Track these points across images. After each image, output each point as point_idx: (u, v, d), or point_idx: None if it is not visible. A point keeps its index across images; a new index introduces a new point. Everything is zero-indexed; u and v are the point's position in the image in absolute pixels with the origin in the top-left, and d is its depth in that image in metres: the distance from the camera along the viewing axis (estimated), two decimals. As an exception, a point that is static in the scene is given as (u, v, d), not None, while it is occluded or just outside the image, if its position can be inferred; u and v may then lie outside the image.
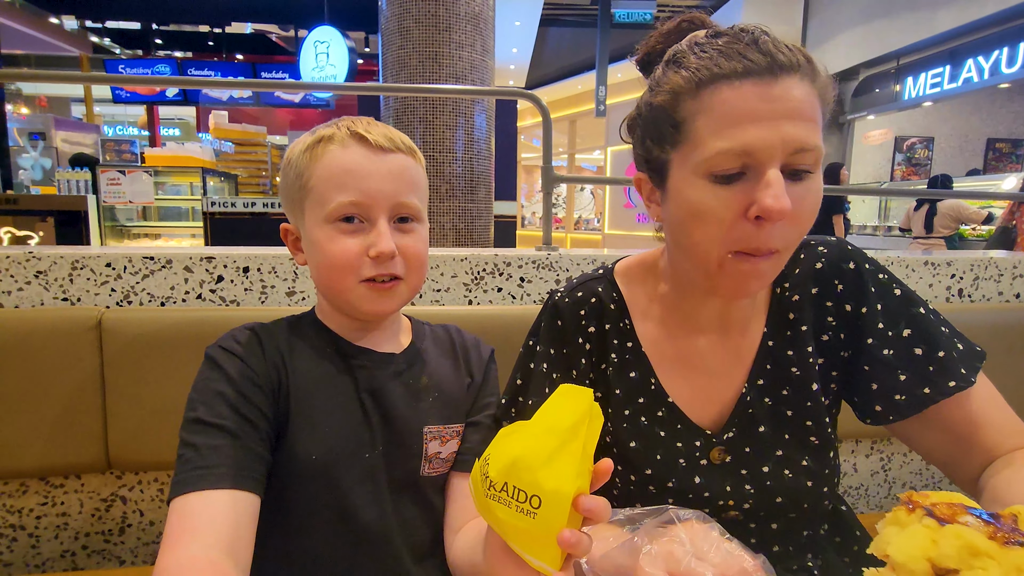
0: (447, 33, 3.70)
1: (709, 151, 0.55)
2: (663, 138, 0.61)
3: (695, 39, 0.60)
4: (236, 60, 9.86)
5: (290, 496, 0.66)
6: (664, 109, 0.59)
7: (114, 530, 1.18)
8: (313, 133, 0.67)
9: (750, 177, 0.56)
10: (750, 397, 0.69)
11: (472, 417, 0.76)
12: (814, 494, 0.68)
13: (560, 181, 1.49)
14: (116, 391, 1.07)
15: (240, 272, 1.19)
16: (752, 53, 0.55)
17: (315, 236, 0.65)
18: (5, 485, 1.13)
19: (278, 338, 0.70)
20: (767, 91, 0.54)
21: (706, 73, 0.56)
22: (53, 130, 6.06)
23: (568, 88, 11.06)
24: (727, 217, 0.56)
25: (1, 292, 1.12)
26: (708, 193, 0.57)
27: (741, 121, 0.54)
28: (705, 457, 0.68)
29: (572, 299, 0.74)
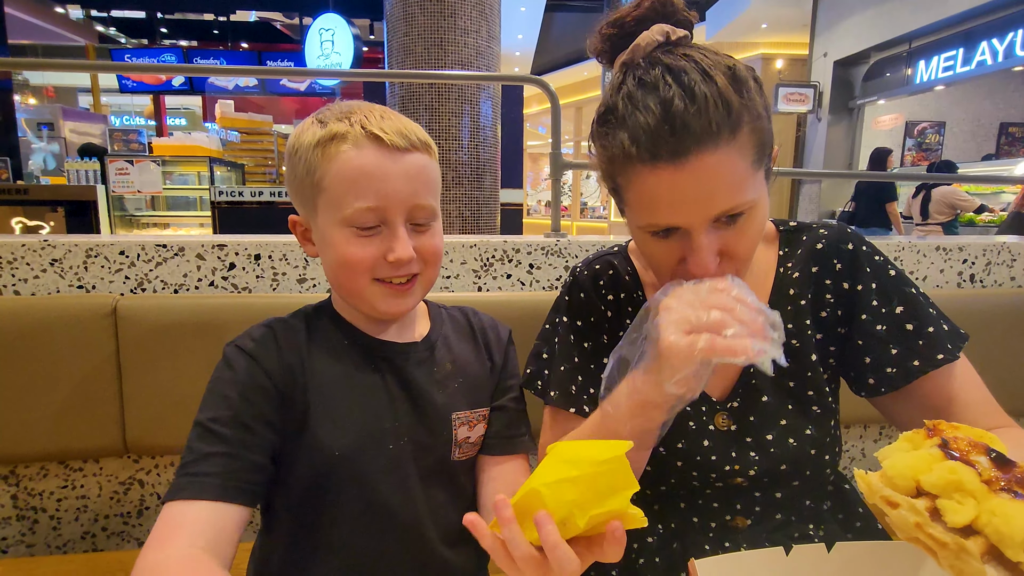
0: (452, 19, 3.67)
1: (642, 221, 0.62)
2: (615, 190, 0.66)
3: (630, 70, 0.61)
4: (241, 49, 9.83)
5: (317, 490, 0.67)
6: (603, 171, 0.65)
7: (132, 512, 1.21)
8: (323, 125, 0.64)
9: (683, 234, 0.61)
10: (753, 369, 0.72)
11: (496, 401, 0.77)
12: (817, 461, 0.71)
13: (569, 167, 1.49)
14: (132, 377, 1.09)
15: (251, 259, 1.20)
16: (661, 136, 0.56)
17: (330, 236, 0.64)
18: (26, 468, 1.16)
19: (297, 335, 0.69)
20: (676, 176, 0.56)
21: (623, 156, 0.59)
22: (61, 120, 6.09)
23: (574, 74, 10.96)
24: (670, 263, 0.64)
25: (18, 280, 1.14)
26: (653, 245, 0.64)
27: (658, 205, 0.59)
28: (711, 423, 0.72)
29: (591, 271, 0.79)
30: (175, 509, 0.57)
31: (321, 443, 0.65)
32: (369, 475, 0.67)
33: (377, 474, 0.68)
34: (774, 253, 0.76)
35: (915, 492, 0.43)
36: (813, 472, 0.72)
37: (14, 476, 1.16)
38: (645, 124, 0.56)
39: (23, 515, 1.17)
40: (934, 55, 6.85)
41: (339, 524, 0.68)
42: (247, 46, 9.97)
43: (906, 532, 0.43)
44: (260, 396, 0.64)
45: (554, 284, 1.31)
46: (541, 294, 1.28)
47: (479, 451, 0.76)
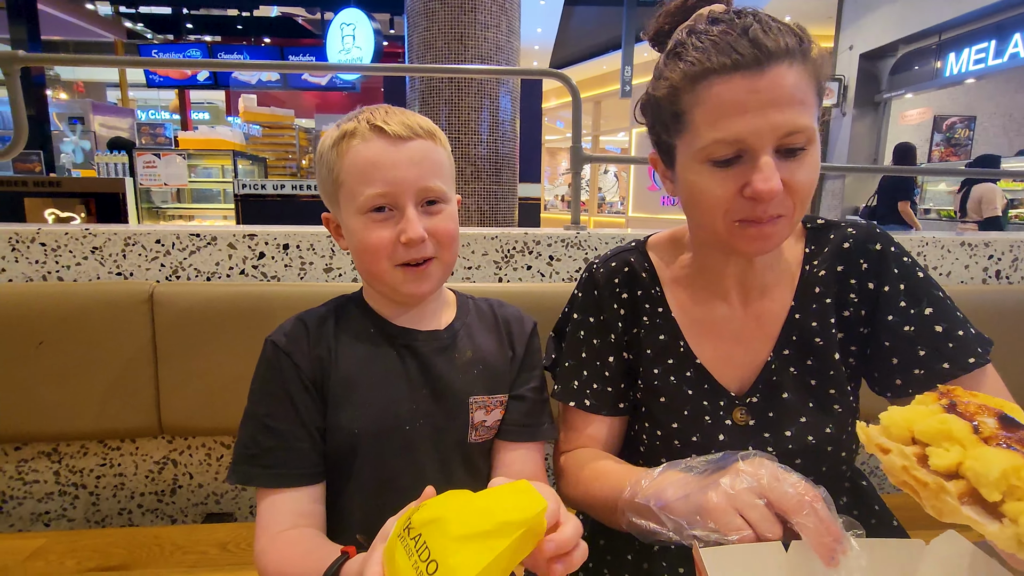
0: (472, 14, 3.68)
1: (706, 140, 0.61)
2: (668, 126, 0.66)
3: (696, 25, 0.63)
4: (264, 43, 9.97)
5: (337, 466, 0.72)
6: (665, 101, 0.65)
7: (166, 491, 1.26)
8: (338, 127, 0.70)
9: (745, 160, 0.61)
10: (775, 365, 0.73)
11: (515, 391, 0.79)
12: (834, 458, 0.72)
13: (588, 161, 1.50)
14: (167, 361, 1.14)
15: (280, 249, 1.24)
16: (741, 45, 0.58)
17: (351, 226, 0.70)
18: (68, 447, 1.22)
19: (326, 326, 0.75)
20: (754, 83, 0.58)
21: (699, 68, 0.60)
22: (91, 114, 6.24)
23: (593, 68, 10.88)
24: (725, 196, 0.62)
25: (61, 267, 1.19)
26: (707, 176, 0.63)
27: (732, 113, 0.59)
28: (728, 417, 0.73)
29: (607, 269, 0.80)
30: (266, 500, 0.68)
31: (341, 423, 0.71)
32: (384, 454, 0.72)
33: (391, 454, 0.72)
34: (800, 250, 0.76)
35: (910, 442, 0.44)
36: (829, 468, 0.72)
37: (57, 453, 1.22)
38: (723, 40, 0.59)
39: (65, 491, 1.23)
40: (965, 47, 6.66)
41: (355, 498, 0.73)
42: (269, 41, 10.10)
43: (895, 476, 0.45)
44: (299, 388, 0.70)
45: (573, 276, 1.32)
46: (560, 285, 1.29)
47: (496, 435, 0.79)
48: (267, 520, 0.67)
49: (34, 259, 1.18)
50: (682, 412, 0.74)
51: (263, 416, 0.69)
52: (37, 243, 1.18)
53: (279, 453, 0.68)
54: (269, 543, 0.65)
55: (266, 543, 0.65)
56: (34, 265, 1.18)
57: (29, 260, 1.18)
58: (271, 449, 0.68)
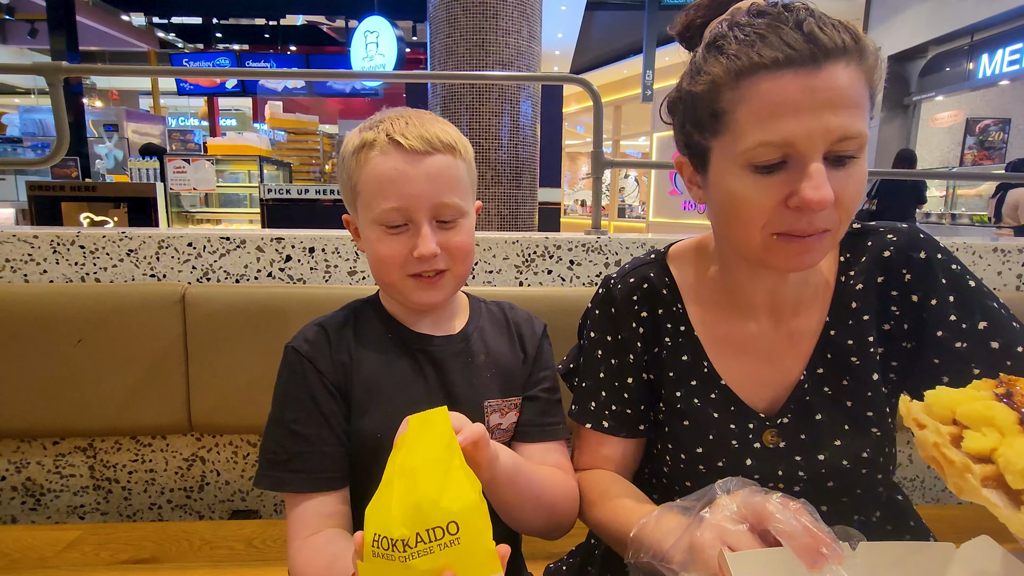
0: (494, 20, 3.72)
1: (750, 143, 0.55)
2: (703, 126, 0.60)
3: (736, 16, 0.58)
4: (290, 51, 10.18)
5: (355, 470, 0.73)
6: (704, 98, 0.59)
7: (194, 487, 1.29)
8: (360, 132, 0.70)
9: (791, 167, 0.55)
10: (808, 384, 0.68)
11: (528, 392, 0.80)
12: (869, 481, 0.68)
13: (610, 166, 1.51)
14: (197, 360, 1.17)
15: (306, 252, 1.27)
16: (794, 38, 0.53)
17: (367, 234, 0.71)
18: (102, 442, 1.26)
19: (345, 331, 0.76)
20: (809, 81, 0.53)
21: (746, 62, 0.54)
22: (125, 122, 6.45)
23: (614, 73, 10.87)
24: (768, 206, 0.57)
25: (99, 268, 1.24)
26: (747, 183, 0.57)
27: (782, 113, 0.53)
28: (758, 440, 0.68)
29: (624, 285, 0.75)
30: (296, 504, 0.69)
31: (364, 429, 0.72)
32: None
33: None
34: (835, 259, 0.71)
35: (950, 422, 0.44)
36: (864, 490, 0.68)
37: (92, 449, 1.26)
38: (774, 32, 0.54)
39: (99, 485, 1.27)
40: (998, 48, 6.48)
41: None
42: (295, 49, 10.32)
43: (925, 451, 0.45)
44: (323, 394, 0.72)
45: (594, 280, 1.33)
46: (581, 290, 1.30)
47: (514, 438, 0.79)
48: (297, 526, 0.68)
49: (74, 261, 1.23)
50: (707, 436, 0.69)
51: (290, 422, 0.70)
52: (77, 245, 1.23)
53: (309, 457, 0.69)
54: (300, 548, 0.67)
55: (297, 548, 0.67)
56: (73, 267, 1.23)
57: (69, 262, 1.23)
58: (300, 454, 0.69)
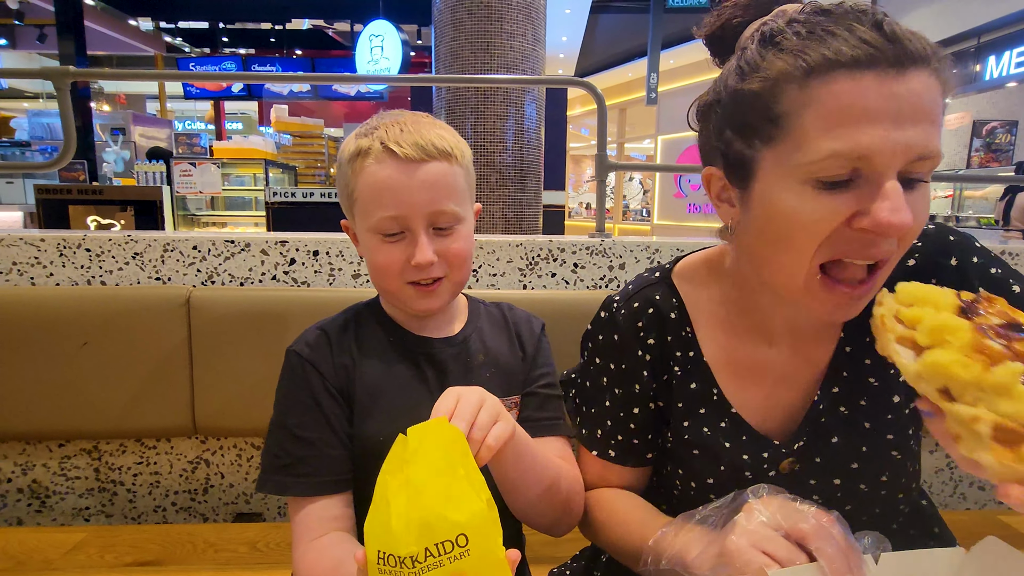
0: (499, 23, 3.72)
1: (817, 153, 0.48)
2: (752, 132, 0.53)
3: (790, 14, 0.52)
4: (296, 55, 10.24)
5: (360, 474, 0.73)
6: (759, 98, 0.51)
7: (199, 490, 1.30)
8: (356, 139, 0.70)
9: (862, 184, 0.49)
10: (823, 405, 0.64)
11: (528, 388, 0.80)
12: (888, 501, 0.65)
13: (614, 169, 1.50)
14: (202, 363, 1.17)
15: (311, 255, 1.27)
16: (873, 37, 0.47)
17: (365, 241, 0.71)
18: (107, 444, 1.26)
19: (347, 335, 0.76)
20: (892, 87, 0.46)
21: (819, 59, 0.47)
22: (132, 125, 6.50)
23: (618, 76, 10.86)
24: (827, 227, 0.50)
25: (104, 272, 1.24)
26: (808, 200, 0.50)
27: (859, 120, 0.47)
28: (774, 468, 0.64)
29: (629, 310, 0.70)
30: (300, 508, 0.69)
31: (367, 432, 0.72)
32: None
33: None
34: None
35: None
36: (884, 509, 0.65)
37: (97, 451, 1.27)
38: (848, 29, 0.47)
39: (104, 487, 1.28)
40: (1005, 50, 6.44)
41: None
42: (301, 53, 10.37)
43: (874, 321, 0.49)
44: (326, 397, 0.72)
45: (598, 283, 1.32)
46: (585, 293, 1.30)
47: None
48: (302, 529, 0.68)
49: (80, 264, 1.24)
50: (719, 467, 0.65)
51: (293, 426, 0.71)
52: (83, 249, 1.23)
53: (312, 461, 0.69)
54: (305, 552, 0.66)
55: (303, 551, 0.67)
56: (79, 270, 1.24)
57: (75, 265, 1.24)
58: (304, 458, 0.69)
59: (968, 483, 1.42)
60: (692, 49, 8.71)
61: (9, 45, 9.81)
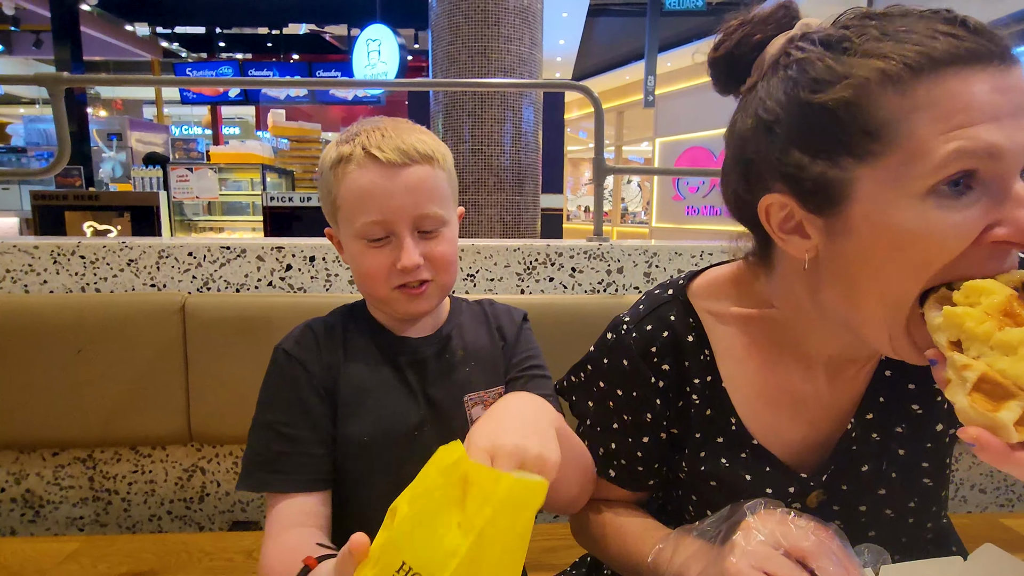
0: (496, 27, 3.73)
1: (941, 156, 0.42)
2: (841, 149, 0.46)
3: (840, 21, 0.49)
4: (292, 60, 10.25)
5: (343, 475, 0.73)
6: (850, 109, 0.45)
7: (194, 498, 1.28)
8: (337, 147, 0.70)
9: (983, 192, 0.43)
10: (856, 434, 0.60)
11: (509, 375, 0.80)
12: (916, 528, 0.63)
13: (612, 172, 1.50)
14: (197, 370, 1.17)
15: (307, 261, 1.27)
16: (968, 34, 0.43)
17: (350, 248, 0.71)
18: (102, 453, 1.25)
19: (334, 334, 0.76)
20: (1003, 81, 0.43)
21: (921, 58, 0.43)
22: (128, 131, 6.48)
23: (616, 79, 10.88)
24: (962, 245, 0.44)
25: (99, 279, 1.23)
26: (934, 215, 0.43)
27: (980, 119, 0.42)
28: (800, 502, 0.61)
29: (641, 333, 0.64)
30: (276, 503, 0.68)
31: (352, 433, 0.72)
32: (396, 462, 0.73)
33: (403, 461, 0.73)
34: None
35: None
36: (909, 538, 0.62)
37: (91, 459, 1.25)
38: (944, 31, 0.43)
39: (98, 496, 1.27)
40: (1001, 52, 6.49)
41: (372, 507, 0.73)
42: (298, 57, 10.38)
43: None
44: (312, 395, 0.72)
45: (596, 287, 1.32)
46: (583, 297, 1.29)
47: None
48: (274, 524, 0.67)
49: (74, 271, 1.23)
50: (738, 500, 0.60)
51: (275, 423, 0.70)
52: (77, 256, 1.22)
53: (294, 458, 0.69)
54: (271, 545, 0.65)
55: (270, 545, 0.65)
56: (74, 277, 1.23)
57: (70, 272, 1.23)
58: (285, 455, 0.69)
59: (969, 486, 1.42)
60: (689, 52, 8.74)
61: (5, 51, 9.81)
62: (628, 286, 1.32)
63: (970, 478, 1.41)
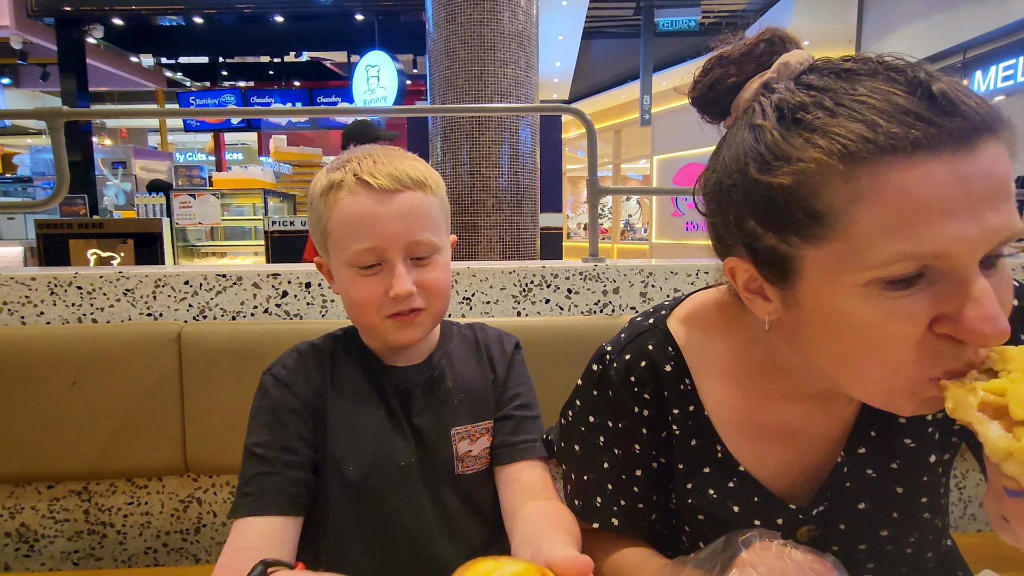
0: (492, 52, 3.80)
1: (879, 256, 0.40)
2: (788, 228, 0.44)
3: (799, 71, 0.46)
4: (294, 87, 10.42)
5: (329, 506, 0.72)
6: (793, 194, 0.43)
7: (191, 529, 1.27)
8: (328, 173, 0.70)
9: (935, 279, 0.41)
10: (847, 468, 0.58)
11: (500, 411, 0.78)
12: (916, 559, 0.61)
13: (606, 193, 1.51)
14: (193, 399, 1.16)
15: (303, 287, 1.27)
16: (928, 111, 0.39)
17: (340, 277, 0.70)
18: (97, 485, 1.24)
19: (323, 359, 0.76)
20: (960, 169, 0.39)
21: (865, 144, 0.40)
22: (133, 159, 6.57)
23: (612, 98, 11.03)
24: (911, 335, 0.42)
25: (96, 309, 1.24)
26: (879, 308, 0.42)
27: (928, 215, 0.39)
28: (791, 536, 0.58)
29: (621, 363, 0.63)
30: (239, 525, 0.66)
31: (336, 461, 0.72)
32: (380, 493, 0.72)
33: (387, 492, 0.72)
34: None
35: None
36: (910, 568, 0.61)
37: (87, 492, 1.24)
38: (890, 101, 0.40)
39: (93, 529, 1.25)
40: (991, 64, 6.55)
41: (357, 538, 0.73)
42: (299, 84, 10.56)
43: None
44: (295, 418, 0.71)
45: (592, 309, 1.31)
46: (580, 319, 1.29)
47: (492, 463, 0.78)
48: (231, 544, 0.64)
49: (71, 302, 1.23)
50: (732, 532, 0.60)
51: (251, 445, 0.70)
52: (74, 286, 1.23)
53: (264, 479, 0.68)
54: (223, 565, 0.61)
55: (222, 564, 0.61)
56: (71, 307, 1.23)
57: (66, 303, 1.23)
58: (257, 476, 0.68)
59: (978, 504, 1.39)
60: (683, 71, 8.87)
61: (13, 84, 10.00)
62: (624, 306, 1.32)
63: (978, 495, 1.38)
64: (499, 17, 3.76)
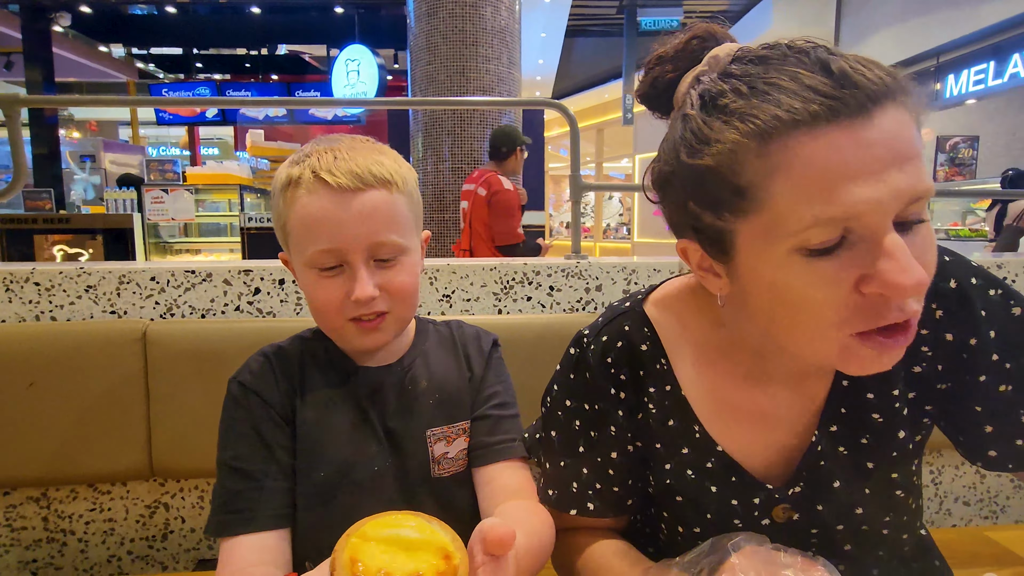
0: (474, 48, 3.76)
1: (798, 223, 0.43)
2: (719, 205, 0.48)
3: (725, 66, 0.49)
4: (272, 80, 10.22)
5: (298, 513, 0.69)
6: (717, 173, 0.46)
7: (157, 536, 1.21)
8: (288, 167, 0.66)
9: (856, 243, 0.44)
10: (821, 447, 0.59)
11: (477, 411, 0.76)
12: (894, 541, 0.62)
13: (588, 189, 1.49)
14: (159, 401, 1.11)
15: (276, 284, 1.22)
16: (827, 85, 0.42)
17: (301, 277, 0.67)
18: (57, 491, 1.18)
19: (291, 362, 0.72)
20: (861, 135, 0.42)
21: (772, 120, 0.43)
22: (102, 152, 6.38)
23: (595, 97, 11.06)
24: (837, 299, 0.45)
25: (55, 306, 1.18)
26: (803, 271, 0.45)
27: (836, 180, 0.42)
28: (767, 516, 0.60)
29: (598, 345, 0.64)
30: (231, 544, 0.63)
31: (310, 464, 0.69)
32: (354, 496, 0.69)
33: (362, 495, 0.70)
34: None
35: None
36: (887, 551, 0.62)
37: (45, 499, 1.18)
38: (795, 79, 0.43)
39: (53, 537, 1.19)
40: (964, 69, 6.73)
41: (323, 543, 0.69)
42: (277, 78, 10.35)
43: None
44: (270, 426, 0.68)
45: (574, 306, 1.29)
46: (561, 316, 1.27)
47: (469, 464, 0.75)
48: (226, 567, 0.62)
49: (28, 299, 1.17)
50: (705, 515, 0.61)
51: (231, 460, 0.66)
52: (31, 283, 1.17)
53: (251, 494, 0.65)
54: None
55: None
56: (27, 305, 1.17)
57: (23, 300, 1.17)
58: (241, 492, 0.65)
59: (953, 499, 1.41)
60: (665, 71, 8.94)
61: (-25, 73, 9.63)
62: (607, 304, 1.30)
63: (953, 491, 1.40)
64: (482, 12, 3.73)
